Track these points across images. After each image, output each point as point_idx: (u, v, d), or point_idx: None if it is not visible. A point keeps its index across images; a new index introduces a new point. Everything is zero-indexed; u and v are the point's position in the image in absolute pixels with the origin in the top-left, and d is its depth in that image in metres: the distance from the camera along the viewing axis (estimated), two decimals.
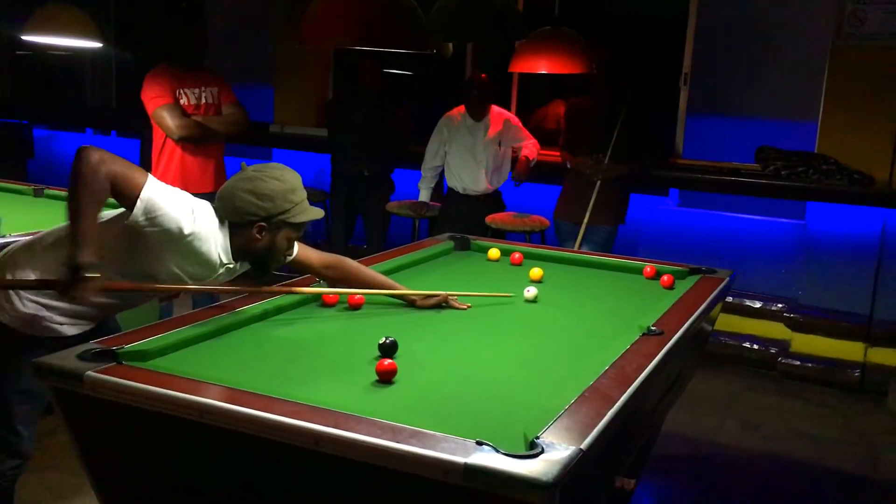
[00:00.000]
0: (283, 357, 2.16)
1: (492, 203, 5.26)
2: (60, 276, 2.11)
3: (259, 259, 2.41)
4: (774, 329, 5.21)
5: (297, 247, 2.54)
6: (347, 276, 2.62)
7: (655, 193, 5.62)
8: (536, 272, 3.10)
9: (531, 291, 2.83)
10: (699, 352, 3.27)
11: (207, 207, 2.31)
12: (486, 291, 2.82)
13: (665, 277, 3.10)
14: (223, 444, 1.75)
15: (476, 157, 5.18)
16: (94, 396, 1.82)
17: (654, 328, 2.38)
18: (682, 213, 5.63)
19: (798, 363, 5.05)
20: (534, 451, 1.51)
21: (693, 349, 2.89)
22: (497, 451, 1.51)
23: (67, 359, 1.89)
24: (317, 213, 2.40)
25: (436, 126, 5.32)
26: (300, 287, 2.62)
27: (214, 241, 2.30)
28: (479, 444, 1.53)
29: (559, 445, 1.55)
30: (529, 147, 5.20)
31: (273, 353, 2.18)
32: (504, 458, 1.48)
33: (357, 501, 1.67)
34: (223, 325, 2.28)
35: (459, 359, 2.23)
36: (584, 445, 1.57)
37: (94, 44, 4.82)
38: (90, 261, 2.08)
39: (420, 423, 1.62)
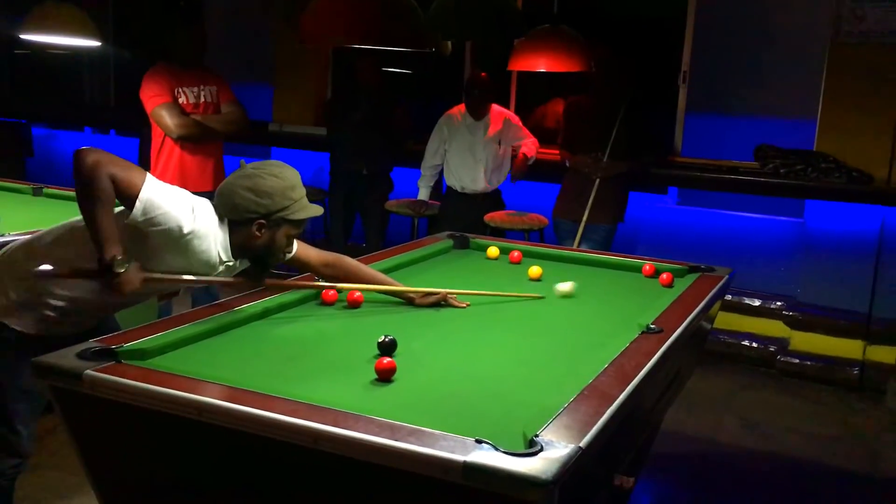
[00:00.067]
0: (283, 355, 2.16)
1: (491, 202, 5.26)
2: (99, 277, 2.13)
3: (259, 256, 2.41)
4: (773, 327, 5.22)
5: (297, 245, 2.54)
6: (346, 275, 2.62)
7: (654, 192, 5.62)
8: (535, 270, 3.10)
9: (565, 286, 2.83)
10: (698, 350, 3.27)
11: (207, 205, 2.31)
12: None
13: (664, 276, 3.11)
14: (222, 443, 1.75)
15: (476, 156, 5.18)
16: (94, 395, 1.82)
17: (653, 326, 2.38)
18: (681, 212, 5.63)
19: (797, 361, 5.05)
20: (533, 450, 1.52)
21: (692, 347, 2.89)
22: (496, 450, 1.51)
23: (66, 358, 1.89)
24: (316, 211, 2.40)
25: (436, 124, 5.32)
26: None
27: (214, 239, 2.30)
28: (479, 443, 1.53)
29: (558, 443, 1.55)
30: (528, 145, 5.20)
31: (272, 352, 2.18)
32: (503, 457, 1.48)
33: (356, 500, 1.67)
34: (222, 324, 2.28)
35: (458, 357, 2.24)
36: (584, 443, 1.57)
37: (93, 42, 4.81)
38: (116, 254, 2.10)
39: (419, 422, 1.62)
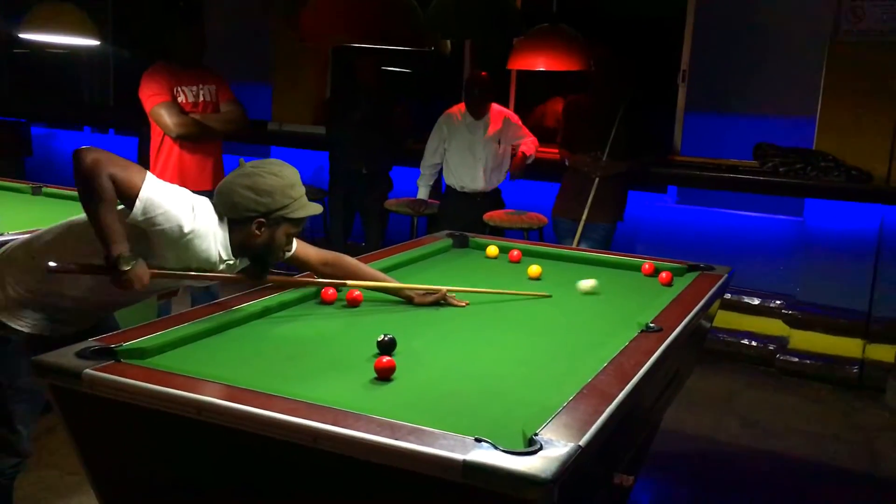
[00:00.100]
0: (282, 354, 2.16)
1: (491, 201, 5.26)
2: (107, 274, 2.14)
3: (258, 255, 2.42)
4: (773, 326, 5.22)
5: (296, 243, 2.54)
6: (346, 274, 2.62)
7: (654, 190, 5.62)
8: (535, 269, 3.10)
9: (587, 283, 2.84)
10: (697, 349, 3.27)
11: (207, 204, 2.31)
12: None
13: (663, 274, 3.11)
14: (222, 442, 1.75)
15: (475, 155, 5.18)
16: (93, 394, 1.81)
17: (653, 325, 2.38)
18: (681, 210, 5.63)
19: (796, 360, 5.05)
20: (532, 448, 1.52)
21: (691, 346, 2.89)
22: (496, 448, 1.51)
23: (66, 357, 1.89)
24: (315, 209, 2.40)
25: (435, 123, 5.32)
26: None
27: (214, 238, 2.30)
28: (478, 441, 1.53)
29: (558, 442, 1.55)
30: (528, 144, 5.20)
31: (271, 351, 2.18)
32: (503, 455, 1.48)
33: (355, 498, 1.67)
34: (222, 323, 2.28)
35: (458, 356, 2.24)
36: (583, 442, 1.57)
37: (92, 42, 4.81)
38: (123, 251, 2.10)
39: (419, 420, 1.62)
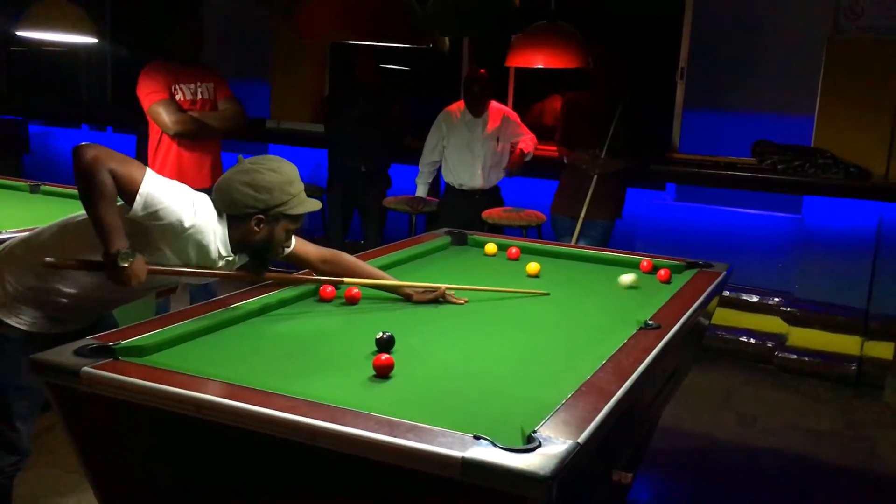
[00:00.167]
0: (281, 352, 2.16)
1: (490, 199, 5.26)
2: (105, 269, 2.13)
3: (257, 251, 2.42)
4: (771, 323, 5.23)
5: (295, 241, 2.54)
6: (344, 271, 2.62)
7: (652, 188, 5.62)
8: (533, 267, 3.10)
9: (628, 278, 2.87)
10: (696, 346, 3.27)
11: (206, 200, 2.31)
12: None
13: (662, 272, 3.11)
14: (221, 440, 1.75)
15: (474, 153, 5.18)
16: (91, 392, 1.81)
17: (651, 322, 2.39)
18: (679, 208, 5.63)
19: (795, 357, 5.06)
20: (531, 445, 1.52)
21: (690, 343, 2.89)
22: (494, 446, 1.51)
23: (64, 355, 1.89)
24: (314, 205, 2.40)
25: (434, 121, 5.32)
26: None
27: (213, 234, 2.30)
28: (477, 439, 1.53)
29: (556, 439, 1.55)
30: (526, 141, 5.20)
31: (270, 349, 2.19)
32: (501, 453, 1.49)
33: (355, 496, 1.67)
34: (220, 321, 2.28)
35: (457, 353, 2.24)
36: (582, 439, 1.58)
37: (90, 39, 4.80)
38: (121, 247, 2.10)
39: (417, 418, 1.62)
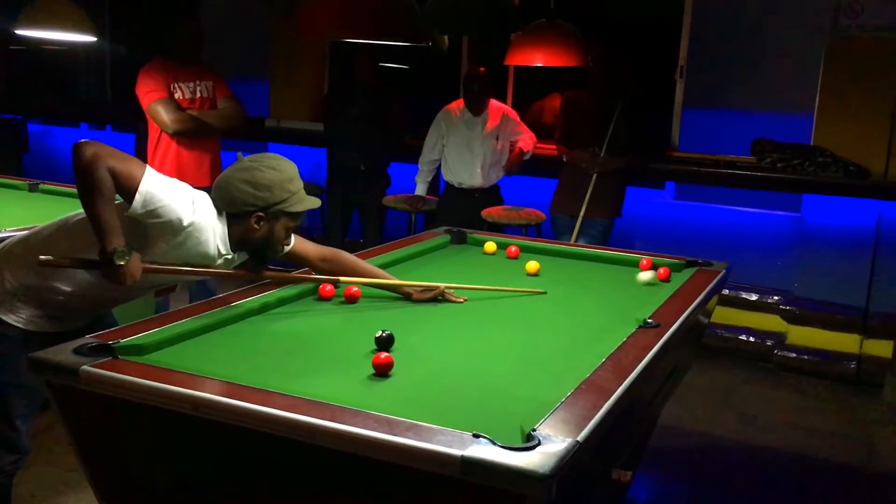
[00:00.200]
0: (280, 351, 2.16)
1: (489, 197, 5.26)
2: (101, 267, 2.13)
3: (257, 249, 2.42)
4: (770, 321, 5.23)
5: (294, 239, 2.54)
6: (344, 269, 2.62)
7: (651, 186, 5.62)
8: (533, 265, 3.10)
9: (646, 275, 2.89)
10: (695, 344, 3.27)
11: (206, 198, 2.31)
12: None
13: (661, 270, 3.10)
14: (220, 439, 1.75)
15: (473, 152, 5.18)
16: (90, 391, 1.81)
17: (651, 321, 2.38)
18: (679, 206, 5.63)
19: (794, 355, 5.06)
20: (530, 444, 1.52)
21: (689, 342, 2.89)
22: (494, 444, 1.51)
23: (63, 353, 1.88)
24: (314, 203, 2.40)
25: (434, 120, 5.32)
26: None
27: (213, 232, 2.30)
28: (476, 437, 1.53)
29: (556, 438, 1.55)
30: (526, 140, 5.20)
31: (269, 347, 2.18)
32: (501, 451, 1.48)
33: (354, 495, 1.67)
34: (219, 319, 2.28)
35: (456, 352, 2.23)
36: (581, 438, 1.57)
37: (89, 38, 4.79)
38: (118, 245, 2.09)
39: (417, 416, 1.62)
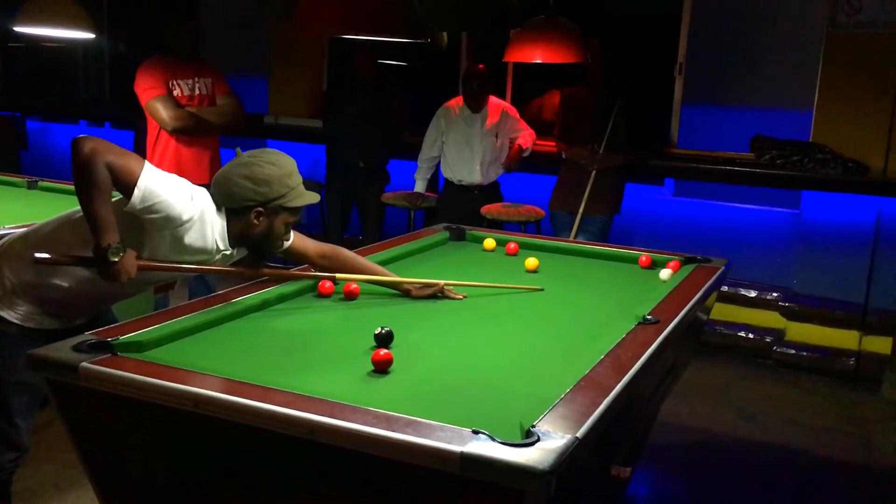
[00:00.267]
0: (279, 347, 2.16)
1: (489, 194, 5.26)
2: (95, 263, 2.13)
3: (256, 245, 2.42)
4: (769, 318, 5.23)
5: (294, 236, 2.54)
6: (343, 266, 2.62)
7: (651, 183, 5.62)
8: (532, 262, 3.10)
9: (666, 273, 2.96)
10: (694, 341, 3.28)
11: (205, 194, 2.31)
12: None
13: (673, 263, 3.10)
14: (219, 435, 1.75)
15: (473, 149, 5.18)
16: (90, 388, 1.81)
17: (650, 317, 2.38)
18: (678, 203, 5.63)
19: (793, 352, 5.06)
20: (530, 440, 1.52)
21: (688, 338, 2.89)
22: (493, 440, 1.51)
23: (62, 350, 1.88)
24: (313, 198, 2.40)
25: (433, 116, 5.31)
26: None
27: (212, 228, 2.29)
28: (476, 433, 1.53)
29: (555, 434, 1.55)
30: (525, 137, 5.19)
31: (269, 344, 2.18)
32: (500, 447, 1.49)
33: (353, 491, 1.67)
34: (219, 316, 2.28)
35: (455, 348, 2.24)
36: (580, 434, 1.58)
37: (87, 35, 4.79)
38: (112, 242, 2.10)
39: (416, 413, 1.62)
